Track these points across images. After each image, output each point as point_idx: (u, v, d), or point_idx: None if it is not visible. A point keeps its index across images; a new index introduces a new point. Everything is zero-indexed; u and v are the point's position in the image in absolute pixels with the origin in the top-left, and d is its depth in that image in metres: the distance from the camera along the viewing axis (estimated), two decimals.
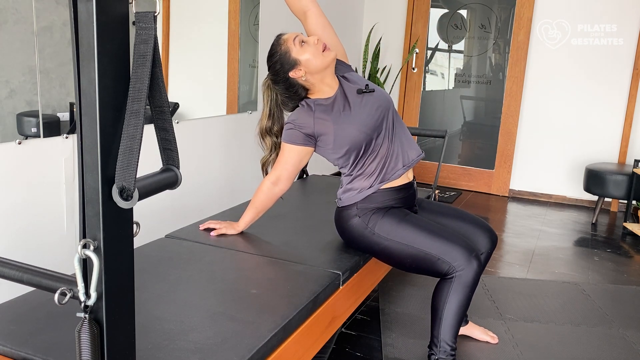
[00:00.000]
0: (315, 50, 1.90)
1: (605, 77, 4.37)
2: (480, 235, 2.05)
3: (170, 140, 0.98)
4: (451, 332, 1.85)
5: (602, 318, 2.50)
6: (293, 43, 1.90)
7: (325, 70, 1.92)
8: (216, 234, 2.08)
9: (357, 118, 1.93)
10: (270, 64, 1.95)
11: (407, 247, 1.87)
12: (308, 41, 1.92)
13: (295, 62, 1.90)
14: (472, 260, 1.81)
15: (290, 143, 1.96)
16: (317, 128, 1.93)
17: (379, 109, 1.97)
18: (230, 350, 1.31)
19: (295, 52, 1.90)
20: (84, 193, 0.89)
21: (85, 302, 0.90)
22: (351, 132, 1.92)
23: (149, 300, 1.54)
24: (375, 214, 1.94)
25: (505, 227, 3.91)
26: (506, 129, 4.74)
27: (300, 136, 1.94)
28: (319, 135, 1.94)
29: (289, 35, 1.93)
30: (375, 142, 1.95)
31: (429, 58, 5.06)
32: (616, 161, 4.39)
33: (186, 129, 2.89)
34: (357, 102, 1.97)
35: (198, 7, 2.96)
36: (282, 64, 1.92)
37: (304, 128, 1.94)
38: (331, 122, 1.93)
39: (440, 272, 1.84)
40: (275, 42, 1.95)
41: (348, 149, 1.94)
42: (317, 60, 1.90)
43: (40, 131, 2.09)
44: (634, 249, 3.54)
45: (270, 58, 1.95)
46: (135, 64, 0.88)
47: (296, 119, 1.96)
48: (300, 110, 1.99)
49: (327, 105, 1.96)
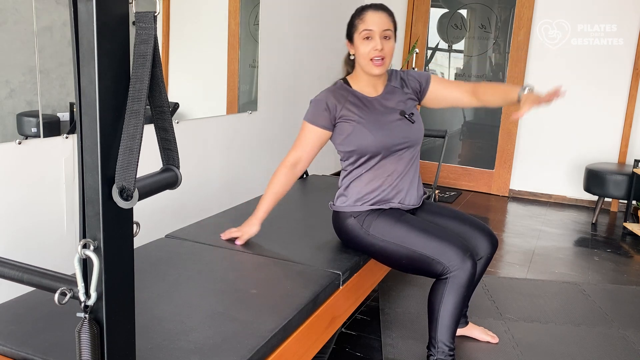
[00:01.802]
0: (371, 53, 1.89)
1: (605, 77, 4.37)
2: (480, 239, 2.04)
3: (170, 140, 0.98)
4: (448, 333, 1.84)
5: (602, 318, 2.50)
6: (372, 30, 1.88)
7: (365, 72, 1.95)
8: (241, 242, 2.00)
9: (380, 132, 1.93)
10: (349, 19, 1.97)
11: (401, 247, 1.87)
12: (376, 44, 1.89)
13: (352, 40, 1.94)
14: (466, 260, 1.79)
15: (312, 123, 1.95)
16: (342, 113, 1.93)
17: (404, 139, 1.97)
18: (230, 350, 1.31)
19: (360, 36, 1.90)
20: (84, 193, 0.89)
21: (85, 302, 0.90)
22: (366, 139, 1.91)
23: (149, 300, 1.54)
24: (370, 215, 1.94)
25: (505, 227, 3.91)
26: (506, 129, 4.74)
27: (323, 117, 1.93)
28: (339, 121, 1.94)
29: (379, 22, 1.89)
30: (382, 161, 1.95)
31: (429, 58, 5.06)
32: (616, 161, 4.39)
33: (186, 129, 2.89)
34: (391, 119, 1.97)
35: (198, 7, 2.96)
36: (348, 29, 1.96)
37: (331, 110, 1.93)
38: (356, 117, 1.93)
39: (435, 273, 1.83)
40: (362, 10, 1.92)
41: (354, 151, 1.95)
42: (362, 60, 1.93)
43: (40, 131, 2.08)
44: (634, 249, 3.53)
45: (351, 16, 1.96)
46: (135, 64, 0.88)
47: (325, 98, 1.94)
48: (334, 90, 1.97)
49: (362, 101, 1.96)
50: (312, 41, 4.14)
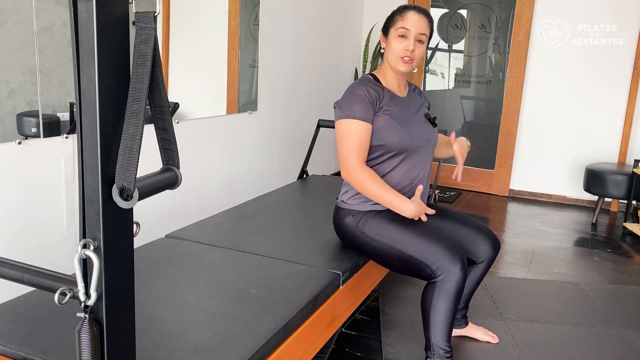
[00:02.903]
0: (401, 52, 1.92)
1: (605, 77, 4.37)
2: (482, 242, 2.03)
3: (170, 140, 0.98)
4: (442, 336, 1.83)
5: (602, 318, 2.50)
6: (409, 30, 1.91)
7: (391, 67, 1.98)
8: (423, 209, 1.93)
9: (409, 130, 1.95)
10: (390, 14, 2.01)
11: (392, 248, 1.87)
12: (408, 44, 1.91)
13: (387, 34, 1.97)
14: (454, 265, 1.77)
15: (361, 120, 1.88)
16: (381, 105, 1.94)
17: (427, 141, 2.01)
18: (230, 350, 1.31)
19: (396, 33, 1.92)
20: (84, 193, 0.89)
21: (85, 302, 0.90)
22: (396, 134, 1.92)
23: (149, 300, 1.54)
24: (367, 214, 1.95)
25: (505, 227, 3.91)
26: (506, 129, 4.74)
27: (368, 111, 1.90)
28: (377, 113, 1.93)
29: (418, 24, 1.91)
30: (403, 161, 1.95)
31: (429, 58, 5.06)
32: (616, 161, 4.39)
33: (186, 129, 2.89)
34: (418, 120, 2.01)
35: (198, 7, 2.96)
36: (386, 23, 1.99)
37: (373, 102, 1.92)
38: (391, 113, 1.94)
39: (424, 275, 1.82)
40: (405, 8, 1.95)
41: (382, 146, 1.93)
42: (391, 55, 1.95)
43: (40, 131, 2.09)
44: (634, 249, 3.53)
45: (393, 11, 2.00)
46: (135, 64, 0.88)
47: (366, 92, 1.92)
48: (366, 84, 1.96)
49: (396, 99, 1.98)
50: (312, 41, 4.14)
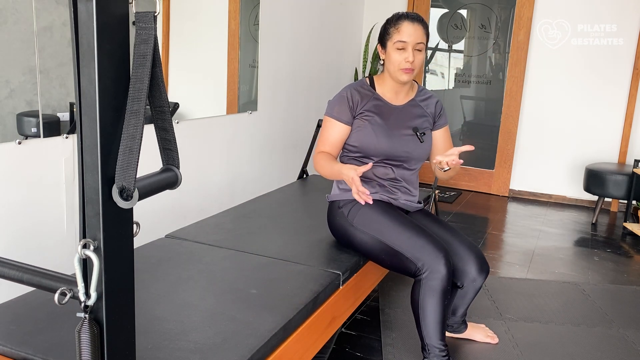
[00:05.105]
0: (402, 64, 1.92)
1: (606, 77, 4.37)
2: (469, 262, 1.93)
3: (170, 140, 0.98)
4: (435, 335, 1.82)
5: (602, 318, 2.50)
6: (406, 42, 1.91)
7: (392, 78, 1.98)
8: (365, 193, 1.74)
9: (385, 140, 1.96)
10: (384, 24, 2.01)
11: (379, 242, 1.86)
12: (408, 56, 1.91)
13: (384, 47, 1.97)
14: (438, 262, 1.74)
15: (335, 119, 1.98)
16: (362, 110, 1.97)
17: (406, 154, 2.00)
18: (230, 350, 1.31)
19: (394, 46, 1.92)
20: (84, 193, 0.89)
21: (85, 302, 0.90)
22: (371, 141, 1.96)
23: (149, 300, 1.54)
24: (357, 204, 1.95)
25: (505, 227, 3.91)
26: (506, 129, 4.74)
27: (345, 113, 1.97)
28: (357, 117, 1.98)
29: (414, 35, 1.91)
30: (374, 160, 2.00)
31: (429, 58, 5.06)
32: (616, 161, 4.39)
33: (186, 129, 2.89)
34: (402, 132, 2.00)
35: (198, 7, 2.96)
36: (382, 34, 1.99)
37: (353, 105, 1.97)
38: (371, 119, 1.96)
39: (410, 272, 1.81)
40: (398, 19, 1.95)
41: (357, 147, 1.99)
42: (392, 67, 1.95)
43: (40, 131, 2.08)
44: (634, 249, 3.53)
45: (387, 22, 1.99)
46: (135, 64, 0.88)
47: (350, 94, 1.98)
48: (358, 88, 2.01)
49: (382, 106, 1.99)
50: (312, 41, 4.14)
